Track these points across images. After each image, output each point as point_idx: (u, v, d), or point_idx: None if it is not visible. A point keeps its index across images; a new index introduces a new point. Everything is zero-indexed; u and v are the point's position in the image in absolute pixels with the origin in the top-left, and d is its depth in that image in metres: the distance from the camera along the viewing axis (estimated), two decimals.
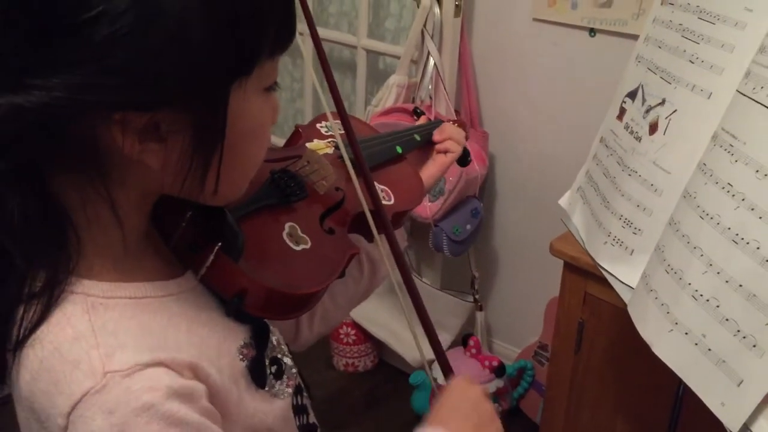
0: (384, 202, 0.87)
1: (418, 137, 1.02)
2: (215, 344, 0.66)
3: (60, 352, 0.57)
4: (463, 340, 2.19)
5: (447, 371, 0.85)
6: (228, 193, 0.66)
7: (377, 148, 0.95)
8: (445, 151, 1.03)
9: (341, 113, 0.83)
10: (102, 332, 0.58)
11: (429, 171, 1.01)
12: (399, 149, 0.98)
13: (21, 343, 0.58)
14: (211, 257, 0.66)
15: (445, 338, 2.25)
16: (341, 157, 0.87)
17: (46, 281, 0.59)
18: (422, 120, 1.10)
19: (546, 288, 2.05)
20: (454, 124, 1.07)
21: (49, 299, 0.58)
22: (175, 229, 0.68)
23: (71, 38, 0.52)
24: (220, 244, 0.66)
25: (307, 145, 0.90)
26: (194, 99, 0.57)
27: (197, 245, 0.68)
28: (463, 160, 1.05)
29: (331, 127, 0.92)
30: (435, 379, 2.14)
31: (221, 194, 0.64)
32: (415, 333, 0.85)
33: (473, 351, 2.14)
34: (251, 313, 0.69)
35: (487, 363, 2.10)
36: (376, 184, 0.86)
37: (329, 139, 0.92)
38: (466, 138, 1.06)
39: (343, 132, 0.86)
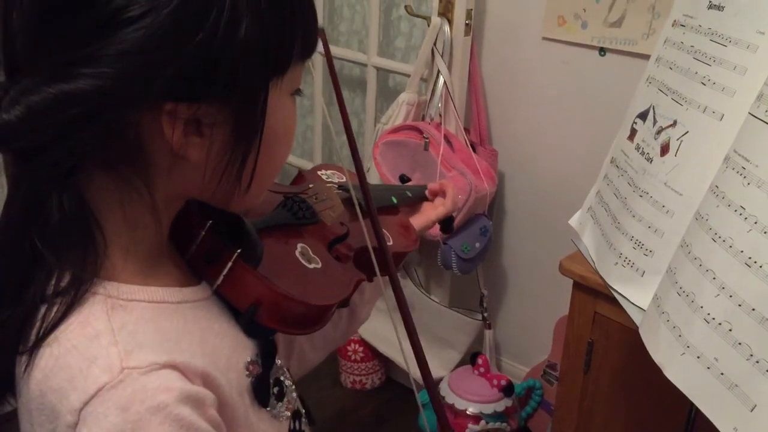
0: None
1: (409, 193, 1.09)
2: (225, 356, 0.66)
3: (78, 350, 0.57)
4: (471, 358, 2.18)
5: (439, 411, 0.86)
6: (256, 192, 0.67)
7: (375, 194, 0.98)
8: (435, 206, 1.08)
9: (355, 155, 0.87)
10: (121, 332, 0.58)
11: (416, 222, 1.06)
12: (394, 200, 1.04)
13: (39, 342, 0.58)
14: (230, 264, 0.68)
15: (453, 356, 2.24)
16: (346, 199, 0.91)
17: (71, 280, 0.59)
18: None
19: (555, 307, 2.04)
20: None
21: (73, 298, 0.59)
22: (194, 238, 0.69)
23: (122, 30, 0.53)
24: (239, 250, 0.68)
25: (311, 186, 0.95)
26: (238, 92, 0.58)
27: (215, 254, 0.69)
28: (447, 226, 1.11)
29: (330, 175, 0.98)
30: (443, 397, 2.13)
31: (251, 193, 0.66)
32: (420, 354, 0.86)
33: (481, 369, 2.13)
34: (263, 324, 0.70)
35: (495, 382, 2.09)
36: (366, 232, 0.90)
37: (329, 185, 0.96)
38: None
39: (347, 177, 0.93)
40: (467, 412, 2.07)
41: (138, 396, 0.55)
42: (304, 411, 0.82)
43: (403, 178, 1.14)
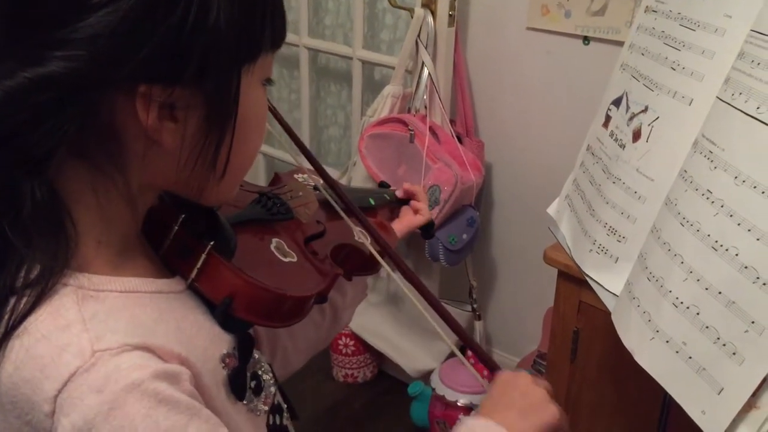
0: (361, 240, 0.90)
1: (387, 196, 1.09)
2: (202, 347, 0.66)
3: (48, 339, 0.57)
4: (461, 349, 2.18)
5: (494, 367, 0.92)
6: (230, 183, 0.68)
7: (353, 195, 0.99)
8: (416, 211, 1.08)
9: (313, 161, 0.89)
10: (92, 321, 0.58)
11: (396, 226, 1.05)
12: (372, 201, 1.04)
13: (8, 334, 0.58)
14: (203, 256, 0.68)
15: (443, 348, 2.24)
16: (323, 200, 0.92)
17: (41, 271, 0.59)
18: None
19: (544, 296, 2.04)
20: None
21: (43, 289, 0.58)
22: (168, 233, 0.69)
23: (94, 14, 0.54)
24: (212, 242, 0.68)
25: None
26: (211, 76, 0.59)
27: (188, 247, 0.69)
28: (428, 232, 1.10)
29: (306, 178, 0.99)
30: (433, 389, 2.13)
31: (225, 184, 0.66)
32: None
33: (472, 360, 2.13)
34: (238, 316, 0.70)
35: (485, 372, 2.09)
36: (353, 225, 0.89)
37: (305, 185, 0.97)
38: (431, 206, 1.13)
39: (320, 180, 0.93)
40: (458, 404, 2.07)
41: (112, 376, 0.55)
42: (285, 406, 0.82)
43: (383, 184, 1.15)
